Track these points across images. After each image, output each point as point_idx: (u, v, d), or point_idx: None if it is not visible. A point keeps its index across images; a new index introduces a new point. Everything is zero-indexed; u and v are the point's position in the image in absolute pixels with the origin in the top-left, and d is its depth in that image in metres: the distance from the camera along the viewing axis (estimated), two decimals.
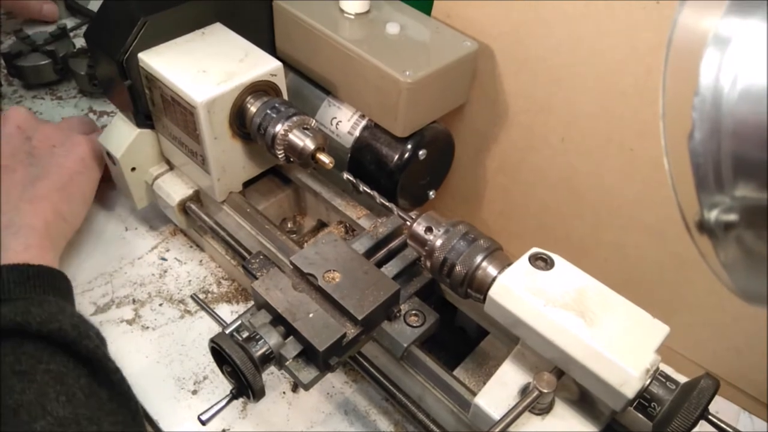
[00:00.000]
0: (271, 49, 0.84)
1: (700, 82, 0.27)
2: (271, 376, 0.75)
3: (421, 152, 0.77)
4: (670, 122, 0.28)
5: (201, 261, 0.89)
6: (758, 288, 0.31)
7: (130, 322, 0.80)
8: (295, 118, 0.70)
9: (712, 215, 0.28)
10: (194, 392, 0.74)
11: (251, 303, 0.65)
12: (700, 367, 0.77)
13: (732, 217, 0.27)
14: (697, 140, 0.27)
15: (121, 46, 0.70)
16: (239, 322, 0.59)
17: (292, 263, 0.62)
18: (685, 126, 0.27)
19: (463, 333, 0.78)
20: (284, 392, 0.74)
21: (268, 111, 0.70)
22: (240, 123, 0.73)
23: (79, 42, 1.20)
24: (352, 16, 0.80)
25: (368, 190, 0.68)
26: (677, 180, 0.28)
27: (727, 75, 0.27)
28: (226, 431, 0.70)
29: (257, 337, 0.57)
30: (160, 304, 0.83)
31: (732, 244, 0.29)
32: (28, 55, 1.12)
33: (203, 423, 0.57)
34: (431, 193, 0.86)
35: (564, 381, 0.54)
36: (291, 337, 0.58)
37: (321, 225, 0.88)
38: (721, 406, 0.75)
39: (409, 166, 0.77)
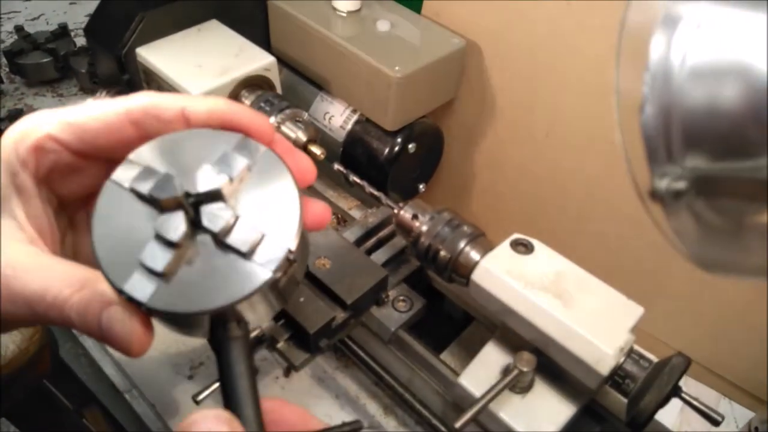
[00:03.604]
0: (265, 45, 0.87)
1: (650, 58, 0.30)
2: (264, 361, 0.77)
3: (410, 146, 0.80)
4: (623, 97, 0.31)
5: None
6: (711, 255, 0.33)
7: None
8: (287, 111, 0.72)
9: (663, 184, 0.30)
10: (190, 377, 0.76)
11: None
12: None
13: (681, 185, 0.29)
14: (648, 114, 0.29)
15: (119, 41, 0.73)
16: None
17: None
18: (638, 100, 0.29)
19: (450, 320, 0.80)
20: (277, 377, 0.76)
21: (262, 104, 0.72)
22: None
23: (80, 41, 1.22)
24: (344, 14, 0.82)
25: (358, 180, 0.70)
26: (630, 151, 0.31)
27: (677, 53, 0.29)
28: None
29: None
30: None
31: (683, 212, 0.31)
32: (29, 53, 1.14)
33: (197, 403, 0.59)
34: (421, 186, 0.88)
35: (543, 361, 0.56)
36: (282, 320, 0.60)
37: None
38: (701, 392, 0.77)
39: (399, 159, 0.79)
